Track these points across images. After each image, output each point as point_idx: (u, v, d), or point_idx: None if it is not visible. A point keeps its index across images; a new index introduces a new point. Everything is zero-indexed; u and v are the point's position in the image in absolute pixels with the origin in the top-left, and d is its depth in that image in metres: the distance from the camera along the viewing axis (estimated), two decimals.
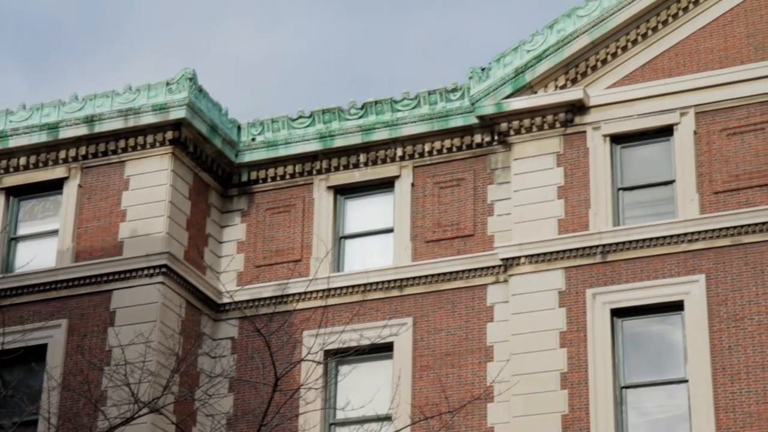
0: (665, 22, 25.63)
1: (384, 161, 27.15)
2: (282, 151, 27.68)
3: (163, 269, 25.66)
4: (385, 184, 27.23)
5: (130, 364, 21.52)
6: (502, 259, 25.32)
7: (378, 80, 56.92)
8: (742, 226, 23.83)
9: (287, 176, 27.82)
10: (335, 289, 26.33)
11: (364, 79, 57.94)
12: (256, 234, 27.66)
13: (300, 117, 27.83)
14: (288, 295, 26.46)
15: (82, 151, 27.08)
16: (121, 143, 26.89)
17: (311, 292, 26.29)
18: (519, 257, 25.12)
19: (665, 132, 25.12)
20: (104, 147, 27.01)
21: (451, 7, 59.37)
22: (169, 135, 26.71)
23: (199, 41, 60.38)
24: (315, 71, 59.21)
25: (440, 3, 59.78)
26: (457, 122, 26.53)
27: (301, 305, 26.26)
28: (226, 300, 26.75)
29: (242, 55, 60.16)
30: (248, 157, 27.84)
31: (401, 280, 26.16)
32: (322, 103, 27.65)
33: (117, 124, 26.78)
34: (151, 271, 25.72)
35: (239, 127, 28.11)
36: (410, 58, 58.96)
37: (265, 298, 26.75)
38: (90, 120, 26.89)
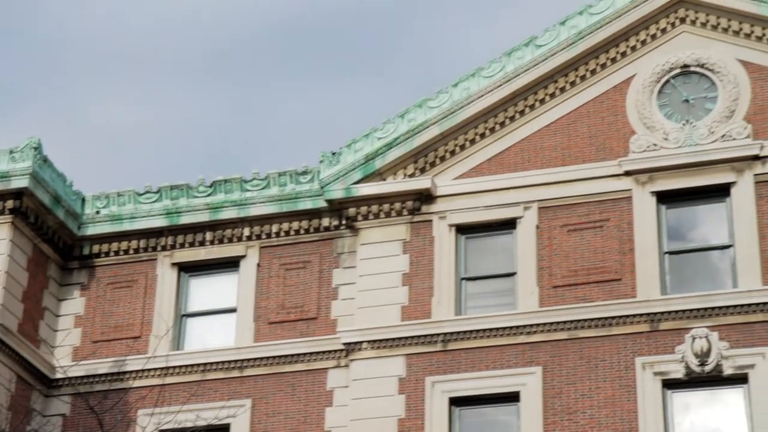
0: (512, 118, 26.29)
1: (231, 240, 27.00)
2: (126, 226, 27.30)
3: None
4: (231, 264, 27.05)
5: None
6: (345, 344, 25.32)
7: (241, 158, 56.86)
8: (578, 321, 24.34)
9: (131, 251, 27.42)
10: (174, 367, 25.92)
11: (226, 156, 57.83)
12: (95, 308, 27.11)
13: (147, 192, 27.54)
14: (124, 372, 25.93)
15: None
16: None
17: (149, 370, 25.83)
18: (361, 342, 25.16)
19: (509, 225, 25.62)
20: None
21: (322, 87, 60.03)
22: (10, 204, 26.12)
23: (63, 110, 59.58)
24: (180, 145, 58.92)
25: (311, 83, 60.33)
26: (306, 205, 26.61)
27: (137, 383, 25.76)
28: (59, 375, 26.06)
29: (108, 127, 59.48)
30: (91, 230, 27.37)
31: (242, 360, 25.92)
32: (179, 179, 27.44)
33: None
34: None
35: (83, 199, 27.65)
36: (276, 138, 59.19)
37: (100, 375, 26.17)
38: None
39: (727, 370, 23.24)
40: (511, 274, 25.32)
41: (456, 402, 24.50)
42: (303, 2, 61.98)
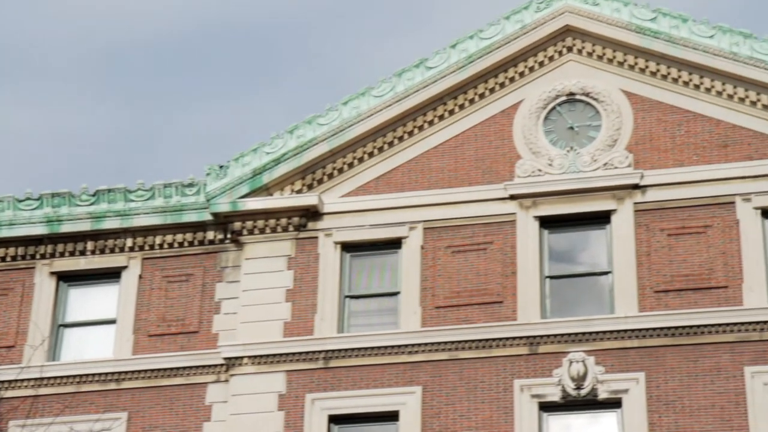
0: (401, 138, 26.46)
1: (112, 251, 26.65)
2: (5, 232, 26.76)
3: None
4: (112, 274, 26.68)
5: None
6: (225, 359, 25.14)
7: (130, 169, 56.14)
8: (459, 342, 24.54)
9: (8, 258, 26.89)
10: (48, 378, 25.45)
11: (114, 166, 57.06)
12: None
13: (27, 198, 27.02)
14: None
15: None
16: None
17: (22, 381, 25.33)
18: (242, 357, 25.02)
19: (394, 244, 25.75)
20: None
21: (218, 101, 59.65)
22: None
23: None
24: (67, 153, 57.95)
25: (206, 96, 59.89)
26: (191, 217, 26.39)
27: (9, 393, 25.19)
28: None
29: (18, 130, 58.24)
30: None
31: (119, 373, 25.58)
32: (63, 187, 26.97)
33: None
34: None
35: None
36: (168, 151, 58.62)
37: None
38: None
39: (602, 394, 23.65)
40: (395, 294, 25.44)
41: (335, 420, 24.50)
42: (201, 15, 61.65)
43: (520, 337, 24.28)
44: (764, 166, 24.49)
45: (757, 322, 23.43)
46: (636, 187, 24.89)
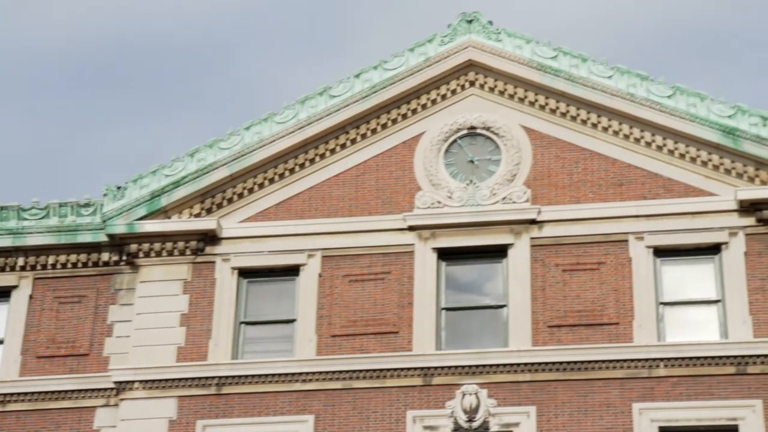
0: (302, 166, 26.44)
1: (3, 269, 26.11)
2: None
3: None
4: (1, 293, 26.12)
5: None
6: (116, 383, 24.76)
7: (29, 187, 55.06)
8: (354, 371, 24.50)
9: None
10: None
11: (14, 184, 55.92)
12: None
13: None
14: None
15: None
16: None
17: None
18: (133, 381, 24.67)
19: (292, 271, 25.66)
20: None
21: (127, 121, 58.91)
22: None
23: None
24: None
25: (117, 116, 59.13)
26: (86, 238, 26.00)
27: None
28: None
29: None
30: None
31: (4, 395, 25.04)
32: None
33: None
34: None
35: None
36: (71, 170, 57.63)
37: None
38: None
39: (494, 427, 23.80)
40: (291, 321, 25.33)
41: None
42: (108, 35, 60.96)
43: (415, 368, 24.34)
44: (657, 205, 24.97)
45: (646, 359, 23.81)
46: (533, 222, 25.19)
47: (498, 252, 25.23)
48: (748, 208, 24.49)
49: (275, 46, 61.98)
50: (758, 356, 23.43)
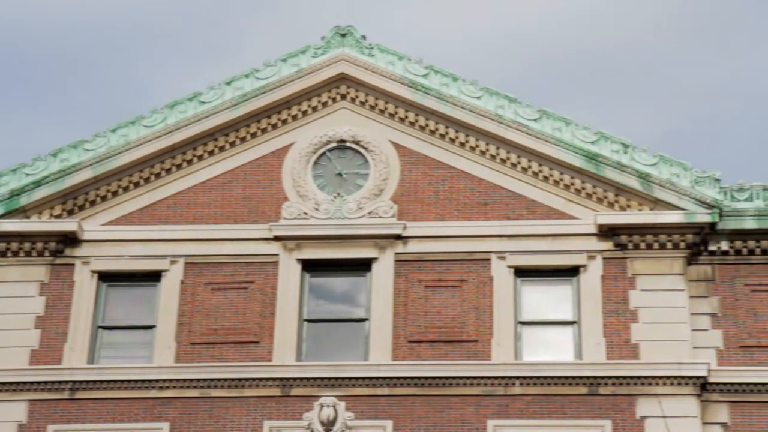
0: (169, 171, 26.16)
1: None
2: None
3: None
4: None
5: None
6: None
7: None
8: (212, 380, 24.31)
9: None
10: None
11: None
12: None
13: None
14: None
15: None
16: None
17: None
18: None
19: (154, 277, 25.35)
20: None
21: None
22: None
23: None
24: None
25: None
26: None
27: None
28: None
29: None
30: None
31: None
32: None
33: None
34: None
35: None
36: None
37: None
38: None
39: None
40: (151, 327, 25.01)
41: None
42: None
43: (274, 379, 24.26)
44: (519, 226, 25.37)
45: (503, 377, 24.15)
46: (398, 237, 25.36)
47: (362, 266, 25.33)
48: (606, 232, 25.07)
49: (151, 52, 61.28)
50: (610, 377, 23.96)
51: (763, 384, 23.94)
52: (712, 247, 25.03)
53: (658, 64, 60.75)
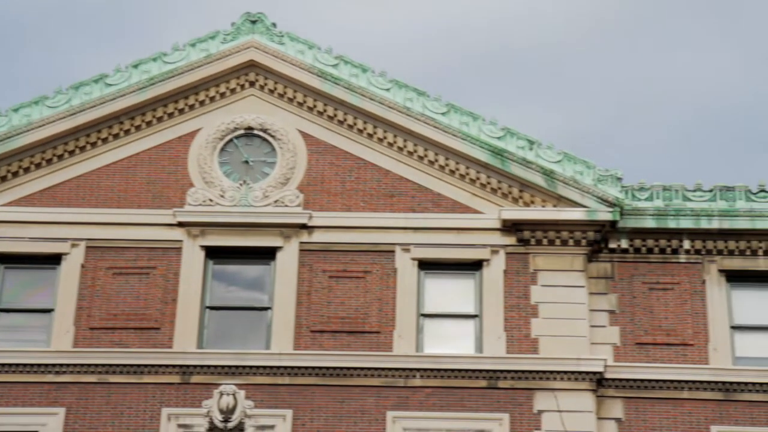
0: (72, 153, 25.78)
1: None
2: None
3: None
4: None
5: None
6: None
7: None
8: (110, 366, 24.06)
9: None
10: None
11: None
12: None
13: None
14: None
15: None
16: None
17: None
18: None
19: (53, 260, 24.98)
20: None
21: None
22: None
23: None
24: None
25: None
26: None
27: None
28: None
29: None
30: None
31: None
32: None
33: None
34: None
35: None
36: None
37: None
38: None
39: (249, 429, 23.76)
40: (49, 311, 24.65)
41: None
42: None
43: (174, 366, 24.08)
44: (424, 219, 25.51)
45: (404, 369, 24.26)
46: (303, 226, 25.32)
47: (267, 254, 25.24)
48: (510, 227, 25.31)
49: (61, 35, 60.28)
50: (509, 371, 24.21)
51: (657, 381, 24.40)
52: (612, 245, 25.43)
53: (567, 64, 61.52)
